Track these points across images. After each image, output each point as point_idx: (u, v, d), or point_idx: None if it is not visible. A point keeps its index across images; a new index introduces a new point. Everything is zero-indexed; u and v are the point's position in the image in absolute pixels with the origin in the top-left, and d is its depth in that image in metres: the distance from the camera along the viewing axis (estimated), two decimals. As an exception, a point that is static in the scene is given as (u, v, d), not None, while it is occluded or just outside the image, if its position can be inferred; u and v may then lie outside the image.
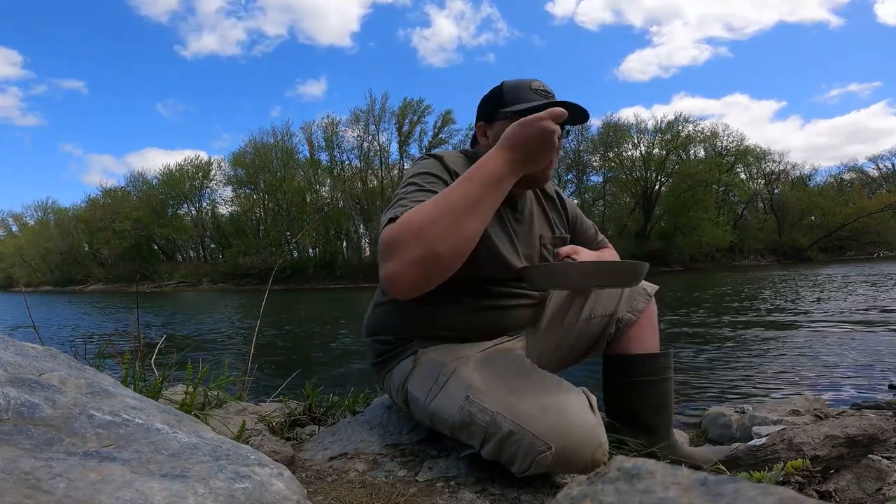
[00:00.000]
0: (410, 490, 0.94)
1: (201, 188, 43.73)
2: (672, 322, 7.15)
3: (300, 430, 1.40)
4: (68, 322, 12.07)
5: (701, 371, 4.08)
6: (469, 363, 1.05)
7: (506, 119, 1.10)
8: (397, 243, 0.89)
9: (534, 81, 1.14)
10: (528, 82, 1.14)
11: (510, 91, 1.13)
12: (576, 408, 0.92)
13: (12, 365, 0.71)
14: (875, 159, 42.06)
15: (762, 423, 1.62)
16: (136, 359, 1.57)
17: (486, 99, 1.18)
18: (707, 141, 37.32)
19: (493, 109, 1.15)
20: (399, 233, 0.89)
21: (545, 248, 1.24)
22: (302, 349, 6.91)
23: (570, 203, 1.37)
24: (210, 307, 17.01)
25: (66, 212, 50.82)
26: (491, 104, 1.16)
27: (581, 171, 39.49)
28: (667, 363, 1.28)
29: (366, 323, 1.26)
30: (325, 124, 39.99)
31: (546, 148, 0.95)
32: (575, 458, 0.89)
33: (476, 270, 1.06)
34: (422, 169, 1.09)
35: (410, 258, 0.87)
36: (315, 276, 35.22)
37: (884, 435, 1.11)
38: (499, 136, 1.00)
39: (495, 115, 1.14)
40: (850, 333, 5.46)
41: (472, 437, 0.96)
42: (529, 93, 1.12)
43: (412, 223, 0.89)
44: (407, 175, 1.11)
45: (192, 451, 0.63)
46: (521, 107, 1.09)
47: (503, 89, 1.15)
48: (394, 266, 0.89)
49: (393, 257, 0.89)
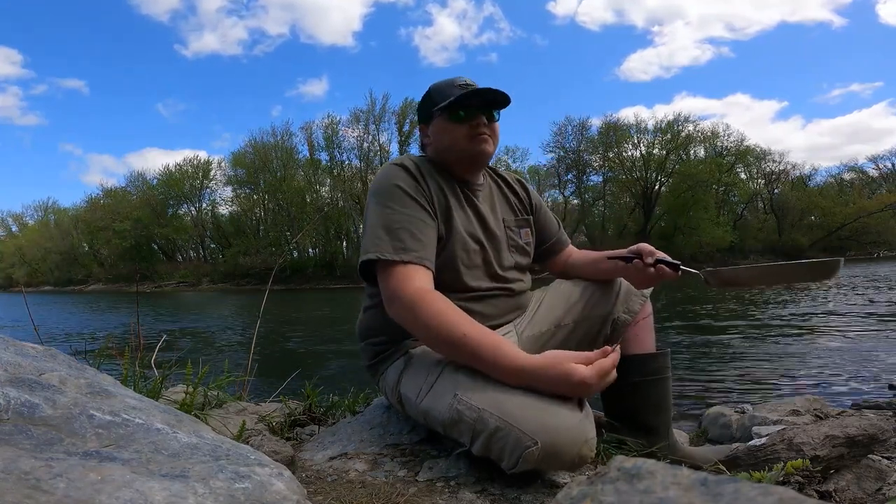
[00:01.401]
0: (410, 490, 0.94)
1: (201, 188, 43.74)
2: (672, 322, 7.14)
3: (300, 430, 1.40)
4: (68, 322, 12.06)
5: (701, 371, 4.08)
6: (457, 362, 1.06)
7: (439, 116, 1.22)
8: (405, 319, 1.05)
9: (458, 79, 1.25)
10: (454, 80, 1.25)
11: (437, 91, 1.24)
12: (562, 403, 0.92)
13: (12, 365, 0.71)
14: (875, 159, 42.03)
15: (762, 423, 1.62)
16: (136, 359, 1.57)
17: (420, 103, 1.30)
18: (707, 141, 37.34)
19: (428, 109, 1.25)
20: (410, 317, 1.03)
21: (510, 230, 1.31)
22: (302, 349, 6.91)
23: (535, 194, 1.44)
24: (210, 307, 17.01)
25: (66, 212, 50.85)
26: (425, 107, 1.27)
27: (581, 171, 39.49)
28: (665, 363, 1.28)
29: (358, 327, 1.30)
30: (325, 124, 40.03)
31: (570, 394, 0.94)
32: (561, 453, 0.89)
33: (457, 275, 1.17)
34: (394, 192, 1.14)
35: (407, 328, 1.06)
36: (315, 276, 35.20)
37: (884, 435, 1.11)
38: (437, 133, 1.23)
39: (432, 115, 1.24)
40: (849, 334, 5.46)
41: (462, 435, 0.97)
42: (454, 88, 1.22)
43: (424, 324, 1.01)
44: (379, 190, 1.15)
45: (192, 451, 0.63)
46: (444, 103, 1.20)
47: (431, 91, 1.26)
48: (396, 319, 1.07)
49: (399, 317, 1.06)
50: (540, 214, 1.42)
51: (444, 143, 1.23)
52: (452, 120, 1.20)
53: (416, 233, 1.09)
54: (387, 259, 1.06)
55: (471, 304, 1.17)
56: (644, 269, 1.20)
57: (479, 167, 1.29)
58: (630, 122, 38.78)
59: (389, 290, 1.06)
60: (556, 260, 1.45)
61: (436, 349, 1.06)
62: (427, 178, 1.18)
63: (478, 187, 1.29)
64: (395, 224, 1.09)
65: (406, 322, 1.04)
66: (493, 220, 1.28)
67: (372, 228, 1.11)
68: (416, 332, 1.05)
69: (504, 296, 1.25)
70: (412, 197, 1.13)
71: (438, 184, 1.20)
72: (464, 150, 1.21)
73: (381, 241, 1.08)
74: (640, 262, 1.21)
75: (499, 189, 1.36)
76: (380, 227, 1.10)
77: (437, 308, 1.01)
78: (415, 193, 1.13)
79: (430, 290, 1.05)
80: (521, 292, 1.30)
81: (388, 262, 1.06)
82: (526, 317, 1.30)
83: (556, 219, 1.47)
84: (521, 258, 1.32)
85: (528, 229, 1.36)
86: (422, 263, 1.07)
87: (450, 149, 1.23)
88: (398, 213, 1.10)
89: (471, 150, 1.21)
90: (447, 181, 1.23)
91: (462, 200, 1.23)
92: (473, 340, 0.97)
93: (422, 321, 1.01)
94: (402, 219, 1.10)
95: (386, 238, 1.08)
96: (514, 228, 1.32)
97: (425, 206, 1.13)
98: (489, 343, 0.97)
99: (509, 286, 1.26)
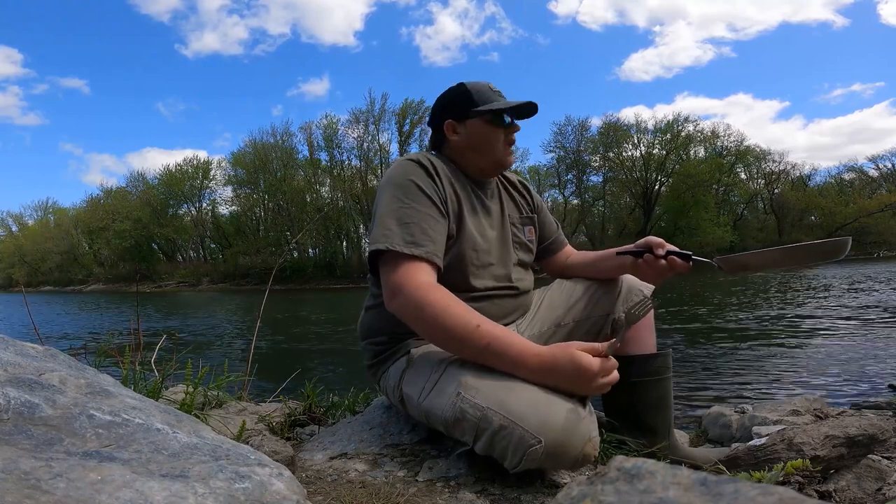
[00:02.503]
0: (410, 490, 0.94)
1: (201, 188, 43.75)
2: (672, 322, 7.15)
3: (300, 430, 1.40)
4: (68, 322, 12.07)
5: (701, 371, 4.08)
6: (460, 360, 1.06)
7: (479, 117, 1.22)
8: (409, 312, 1.02)
9: (488, 83, 1.26)
10: (486, 84, 1.25)
11: (478, 92, 1.23)
12: (565, 401, 0.92)
13: (12, 365, 0.71)
14: (875, 159, 41.94)
15: (762, 423, 1.62)
16: (136, 359, 1.57)
17: (451, 99, 1.26)
18: (707, 141, 37.33)
19: (466, 108, 1.23)
20: (416, 310, 1.01)
21: (514, 227, 1.32)
22: (302, 349, 6.91)
23: (536, 195, 1.45)
24: (210, 307, 17.02)
25: (66, 212, 50.85)
26: (461, 104, 1.24)
27: (581, 171, 39.49)
28: (665, 363, 1.28)
29: (359, 326, 1.29)
30: (324, 124, 40.03)
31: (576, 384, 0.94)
32: (565, 451, 0.89)
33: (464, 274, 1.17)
34: (409, 187, 1.12)
35: (411, 322, 1.04)
36: (315, 276, 35.20)
37: (884, 435, 1.11)
38: (473, 133, 1.22)
39: (468, 114, 1.23)
40: (849, 334, 5.46)
41: (465, 434, 0.97)
42: (490, 93, 1.24)
43: (432, 316, 0.99)
44: (393, 182, 1.14)
45: (192, 451, 0.63)
46: (494, 106, 1.21)
47: (470, 90, 1.24)
48: (399, 313, 1.04)
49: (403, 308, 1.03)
50: (541, 215, 1.43)
51: (480, 144, 1.23)
52: (495, 124, 1.21)
53: (427, 229, 1.08)
54: (396, 251, 1.05)
55: (476, 304, 1.16)
56: (655, 262, 1.19)
57: (499, 173, 1.31)
58: (630, 122, 38.84)
59: (394, 281, 1.03)
60: (555, 259, 1.46)
61: (443, 343, 1.03)
62: (442, 176, 1.17)
63: (487, 187, 1.30)
64: (408, 218, 1.08)
65: (410, 315, 1.02)
66: (501, 218, 1.29)
67: (383, 219, 1.09)
68: (421, 325, 1.02)
69: (509, 296, 1.25)
70: (426, 194, 1.12)
71: (452, 183, 1.20)
72: (498, 155, 1.23)
73: (392, 233, 1.06)
74: (650, 255, 1.20)
75: (504, 189, 1.36)
76: (392, 218, 1.08)
77: (447, 302, 1.00)
78: (429, 191, 1.12)
79: (438, 286, 1.04)
80: (525, 291, 1.30)
81: (397, 254, 1.05)
82: (527, 316, 1.30)
83: (555, 220, 1.49)
84: (525, 255, 1.33)
85: (532, 227, 1.37)
86: (431, 260, 1.06)
87: (483, 151, 1.23)
88: (411, 208, 1.09)
89: (502, 158, 1.24)
90: (461, 181, 1.23)
91: (474, 200, 1.24)
92: (488, 333, 0.97)
93: (429, 313, 0.99)
94: (414, 214, 1.09)
95: (397, 230, 1.06)
96: (518, 226, 1.33)
97: (438, 205, 1.13)
98: (503, 335, 0.97)
99: (514, 285, 1.26)
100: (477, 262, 1.19)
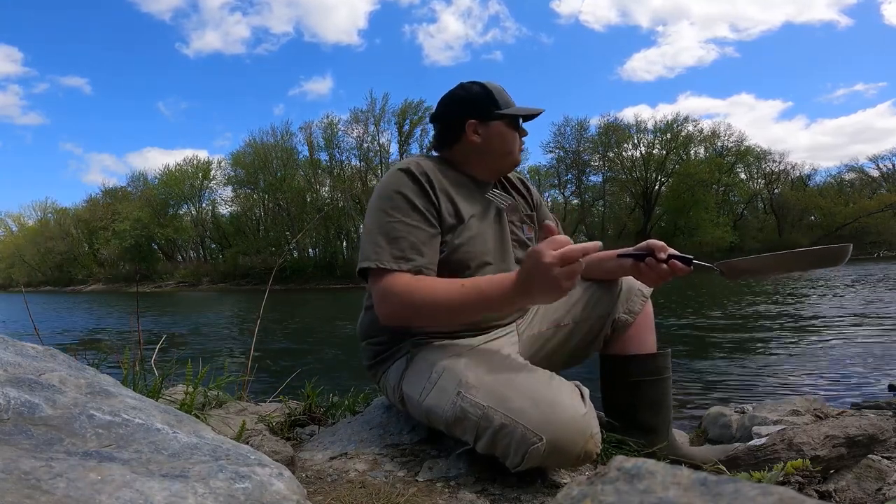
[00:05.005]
0: (410, 490, 0.94)
1: (201, 188, 43.73)
2: (672, 322, 7.15)
3: (300, 430, 1.40)
4: (68, 322, 12.06)
5: (701, 371, 4.08)
6: (461, 360, 1.06)
7: (501, 120, 1.21)
8: (400, 310, 1.05)
9: (500, 86, 1.26)
10: (499, 87, 1.25)
11: (500, 94, 1.23)
12: (566, 399, 0.93)
13: (12, 365, 0.71)
14: (876, 159, 41.90)
15: (762, 423, 1.62)
16: (136, 359, 1.57)
17: (473, 99, 1.23)
18: (707, 141, 37.32)
19: (489, 109, 1.21)
20: (407, 303, 1.03)
21: (513, 224, 1.31)
22: (302, 349, 6.91)
23: (535, 191, 1.44)
24: (210, 307, 17.02)
25: (66, 212, 50.82)
26: (484, 104, 1.22)
27: (581, 171, 39.49)
28: (665, 363, 1.28)
29: (359, 326, 1.29)
30: (324, 124, 40.02)
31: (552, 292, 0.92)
32: (567, 448, 0.89)
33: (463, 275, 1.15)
34: (397, 200, 1.11)
35: (407, 324, 1.09)
36: (315, 276, 35.20)
37: (884, 435, 1.11)
38: (495, 136, 1.20)
39: (490, 115, 1.21)
40: (849, 334, 5.46)
41: (466, 433, 0.97)
42: (507, 96, 1.24)
43: (415, 308, 1.03)
44: (382, 195, 1.14)
45: (192, 451, 0.63)
46: (518, 111, 1.22)
47: (493, 92, 1.22)
48: (393, 313, 1.06)
49: (395, 310, 1.06)
50: (540, 213, 1.42)
51: (499, 147, 1.22)
52: (514, 128, 1.23)
53: (416, 243, 1.08)
54: (385, 268, 1.06)
55: None
56: (657, 266, 1.19)
57: (505, 175, 1.33)
58: (630, 122, 38.84)
59: (381, 288, 1.06)
60: None
61: (441, 319, 1.06)
62: (434, 183, 1.14)
63: (487, 186, 1.29)
64: (396, 232, 1.08)
65: (404, 309, 1.04)
66: (500, 217, 1.28)
67: (371, 235, 1.10)
68: (415, 315, 1.05)
69: None
70: (415, 205, 1.11)
71: (447, 188, 1.17)
72: (513, 159, 1.26)
73: (382, 250, 1.07)
74: (652, 258, 1.20)
75: (504, 188, 1.36)
76: (380, 234, 1.08)
77: (430, 281, 1.04)
78: (418, 201, 1.11)
79: (420, 276, 1.06)
80: None
81: (386, 270, 1.06)
82: (527, 316, 1.30)
83: (554, 219, 1.48)
84: (523, 254, 1.32)
85: (531, 225, 1.36)
86: (420, 273, 1.07)
87: (502, 154, 1.23)
88: (400, 222, 1.09)
89: (515, 161, 1.28)
90: (463, 183, 1.21)
91: (473, 200, 1.22)
92: (473, 287, 0.99)
93: (418, 297, 1.02)
94: (402, 228, 1.08)
95: (385, 247, 1.07)
96: (517, 224, 1.32)
97: (428, 217, 1.11)
98: (485, 281, 1.01)
99: None
100: (476, 262, 1.18)
